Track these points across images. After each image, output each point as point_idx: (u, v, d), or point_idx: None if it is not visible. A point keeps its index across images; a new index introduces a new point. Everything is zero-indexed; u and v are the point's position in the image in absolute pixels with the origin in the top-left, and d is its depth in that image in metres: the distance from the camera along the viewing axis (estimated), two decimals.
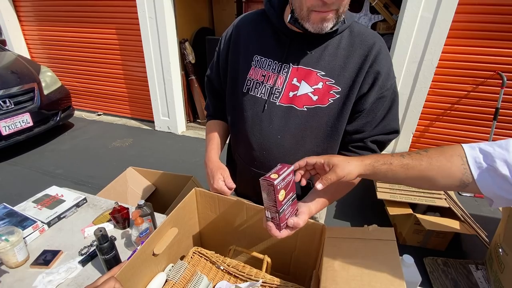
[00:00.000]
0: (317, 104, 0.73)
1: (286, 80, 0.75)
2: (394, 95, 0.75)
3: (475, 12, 2.31)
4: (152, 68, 3.50)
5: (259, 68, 0.78)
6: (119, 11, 3.54)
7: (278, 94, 0.76)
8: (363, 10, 3.16)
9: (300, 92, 0.74)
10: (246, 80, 0.80)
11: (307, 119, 0.75)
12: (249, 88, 0.80)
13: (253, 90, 0.79)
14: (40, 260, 0.91)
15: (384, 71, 0.71)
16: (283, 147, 0.79)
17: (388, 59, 0.73)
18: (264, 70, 0.77)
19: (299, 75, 0.74)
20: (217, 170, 0.83)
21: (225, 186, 0.79)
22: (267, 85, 0.77)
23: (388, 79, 0.72)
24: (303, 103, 0.74)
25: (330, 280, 0.58)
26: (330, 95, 0.72)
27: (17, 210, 1.10)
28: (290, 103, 0.75)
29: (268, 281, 0.72)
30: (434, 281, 1.64)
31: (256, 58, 0.79)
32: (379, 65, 0.71)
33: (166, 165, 2.94)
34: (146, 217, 0.98)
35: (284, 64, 0.75)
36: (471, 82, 2.52)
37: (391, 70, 0.74)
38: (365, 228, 0.70)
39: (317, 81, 0.73)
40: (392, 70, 0.74)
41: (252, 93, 0.79)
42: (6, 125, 2.78)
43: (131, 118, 4.28)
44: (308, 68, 0.73)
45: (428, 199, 1.85)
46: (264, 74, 0.77)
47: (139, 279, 0.69)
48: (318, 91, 0.73)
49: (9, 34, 4.20)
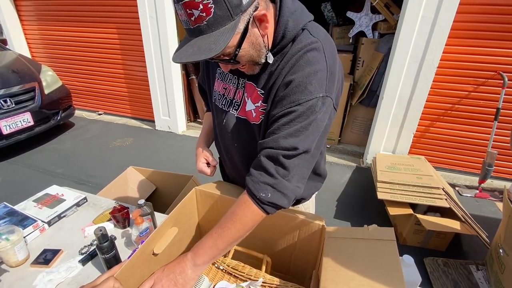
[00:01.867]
0: (254, 121, 0.75)
1: (244, 95, 0.77)
2: (312, 114, 0.63)
3: (476, 12, 2.30)
4: (153, 67, 3.50)
5: (221, 81, 0.82)
6: (120, 11, 3.54)
7: (237, 107, 0.78)
8: (364, 10, 3.15)
9: (248, 108, 0.76)
10: (213, 92, 0.85)
11: (254, 133, 0.78)
12: (215, 98, 0.85)
13: (218, 101, 0.84)
14: (40, 259, 0.91)
15: (296, 80, 0.63)
16: (241, 154, 0.85)
17: (308, 68, 0.63)
18: (225, 83, 0.81)
19: (247, 91, 0.76)
20: (200, 154, 0.92)
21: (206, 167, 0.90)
22: (228, 97, 0.81)
23: (302, 92, 0.63)
24: (252, 119, 0.76)
25: (330, 280, 0.58)
26: (261, 112, 0.73)
27: (17, 209, 1.10)
28: (245, 116, 0.78)
29: (268, 281, 0.72)
30: (435, 281, 1.64)
31: (219, 71, 0.83)
32: (291, 73, 0.64)
33: (166, 164, 2.94)
34: (146, 217, 0.98)
35: (240, 79, 0.77)
36: (472, 82, 2.52)
37: (311, 83, 0.63)
38: (365, 228, 0.70)
39: (257, 99, 0.74)
40: (313, 84, 0.63)
41: (217, 104, 0.84)
42: (7, 124, 2.79)
43: (131, 117, 4.28)
44: (254, 85, 0.74)
45: (429, 199, 1.85)
46: (225, 87, 0.81)
47: (139, 279, 0.69)
48: (257, 109, 0.74)
49: (10, 33, 4.20)
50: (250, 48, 0.63)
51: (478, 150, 2.72)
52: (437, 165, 2.87)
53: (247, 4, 0.56)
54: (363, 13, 3.17)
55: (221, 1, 0.53)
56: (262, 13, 0.60)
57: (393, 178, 2.04)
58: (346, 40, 3.53)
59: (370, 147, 2.96)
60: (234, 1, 0.54)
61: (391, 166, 2.23)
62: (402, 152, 2.88)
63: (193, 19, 0.55)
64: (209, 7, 0.53)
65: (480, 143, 2.68)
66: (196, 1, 0.52)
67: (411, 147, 2.87)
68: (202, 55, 0.56)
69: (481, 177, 2.43)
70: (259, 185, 0.65)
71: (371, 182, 2.42)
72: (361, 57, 3.23)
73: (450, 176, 2.85)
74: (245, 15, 0.58)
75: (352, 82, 3.15)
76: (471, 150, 2.76)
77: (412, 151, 2.90)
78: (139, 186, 1.62)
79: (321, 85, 0.63)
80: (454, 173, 2.90)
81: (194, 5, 0.53)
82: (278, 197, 0.65)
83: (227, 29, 0.56)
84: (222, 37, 0.56)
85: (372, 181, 2.36)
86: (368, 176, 2.66)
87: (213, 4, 0.53)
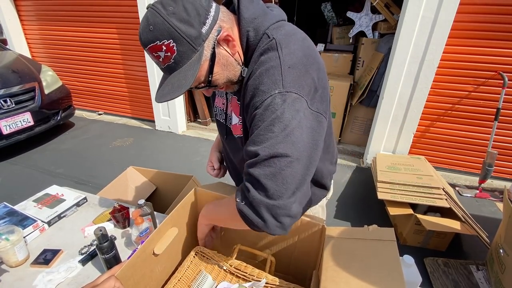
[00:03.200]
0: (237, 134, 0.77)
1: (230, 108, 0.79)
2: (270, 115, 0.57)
3: (477, 12, 2.30)
4: (153, 67, 3.50)
5: (220, 97, 0.84)
6: (120, 11, 3.54)
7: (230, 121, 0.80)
8: (364, 10, 3.15)
9: (233, 122, 0.78)
10: (214, 107, 0.89)
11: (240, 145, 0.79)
12: (215, 113, 0.88)
13: (218, 116, 0.87)
14: (40, 259, 0.91)
15: (251, 86, 0.61)
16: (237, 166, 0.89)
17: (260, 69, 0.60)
18: (223, 99, 0.82)
19: (232, 105, 0.78)
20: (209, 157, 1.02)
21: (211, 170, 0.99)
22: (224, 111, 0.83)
23: (257, 95, 0.59)
24: (237, 132, 0.78)
25: (330, 280, 0.58)
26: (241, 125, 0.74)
27: (17, 209, 1.10)
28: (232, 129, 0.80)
29: (271, 282, 0.72)
30: (435, 281, 1.64)
31: None
32: (249, 80, 0.62)
33: (166, 164, 2.94)
34: (146, 217, 0.98)
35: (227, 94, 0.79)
36: (472, 82, 2.52)
37: (262, 83, 0.58)
38: (365, 228, 0.70)
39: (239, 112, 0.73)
40: (264, 83, 0.58)
41: (218, 118, 0.87)
42: (7, 124, 2.79)
43: (131, 117, 4.28)
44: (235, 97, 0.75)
45: (429, 199, 1.85)
46: (223, 102, 0.82)
47: (139, 279, 0.69)
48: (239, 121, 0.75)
49: (10, 33, 4.20)
50: (223, 71, 0.64)
51: (478, 150, 2.73)
52: (437, 165, 2.87)
53: (207, 32, 0.58)
54: (363, 13, 3.17)
55: (180, 38, 0.55)
56: (225, 34, 0.60)
57: (393, 178, 2.04)
58: (346, 40, 3.53)
59: (370, 147, 2.96)
60: (192, 34, 0.56)
61: (391, 166, 2.23)
62: (402, 152, 2.88)
63: (161, 60, 0.58)
64: (171, 46, 0.56)
65: (480, 143, 2.68)
66: (158, 44, 0.55)
67: (411, 147, 2.87)
68: (176, 93, 0.59)
69: (481, 177, 2.43)
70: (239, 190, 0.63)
71: (371, 182, 2.42)
72: (361, 57, 3.23)
73: (450, 176, 2.85)
74: (209, 41, 0.59)
75: (352, 82, 3.15)
76: (471, 150, 2.76)
77: (412, 151, 2.90)
78: (139, 186, 1.62)
79: (275, 81, 0.57)
80: (454, 173, 2.90)
81: (157, 48, 0.56)
82: (250, 211, 0.59)
83: (194, 61, 0.58)
84: (190, 71, 0.58)
85: (372, 181, 2.36)
86: (368, 176, 2.66)
87: (174, 43, 0.55)
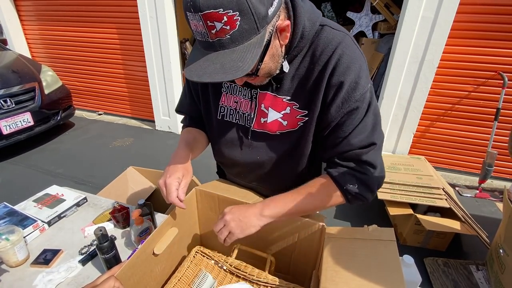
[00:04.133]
0: (287, 129, 0.73)
1: (257, 106, 0.74)
2: (368, 105, 0.65)
3: (476, 12, 2.30)
4: (153, 67, 3.50)
5: (231, 95, 0.78)
6: (120, 11, 3.54)
7: (251, 120, 0.76)
8: (364, 10, 3.16)
9: (270, 119, 0.74)
10: (219, 107, 0.80)
11: (281, 142, 0.75)
12: (223, 114, 0.80)
13: (228, 117, 0.80)
14: (40, 259, 0.91)
15: (347, 80, 0.62)
16: (263, 167, 0.82)
17: (353, 66, 0.63)
18: (236, 97, 0.77)
19: (266, 101, 0.73)
20: (173, 173, 0.77)
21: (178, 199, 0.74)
22: (240, 111, 0.77)
23: (356, 89, 0.63)
24: (276, 129, 0.74)
25: (330, 281, 0.58)
26: (298, 119, 0.71)
27: (17, 209, 1.10)
28: (262, 129, 0.76)
29: (271, 282, 0.72)
30: (435, 281, 1.64)
31: (226, 85, 0.78)
32: (339, 75, 0.63)
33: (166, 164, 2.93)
34: (146, 217, 0.98)
35: (253, 90, 0.73)
36: (472, 82, 2.52)
37: (361, 77, 0.63)
38: (365, 228, 0.70)
39: (284, 106, 0.71)
40: (362, 77, 0.63)
41: (227, 119, 0.80)
42: (7, 124, 2.79)
43: (131, 117, 4.28)
44: (274, 94, 0.72)
45: (429, 199, 1.85)
46: (236, 100, 0.77)
47: (139, 279, 0.69)
48: (286, 116, 0.72)
49: (10, 33, 4.20)
50: (270, 61, 0.60)
51: (478, 150, 2.73)
52: (437, 165, 2.87)
53: (272, 14, 0.52)
54: (363, 13, 3.17)
55: (248, 13, 0.47)
56: (286, 23, 0.56)
57: (393, 178, 2.03)
58: None
59: None
60: (261, 12, 0.48)
61: (391, 166, 2.23)
62: (402, 152, 2.88)
63: (213, 32, 0.49)
64: (234, 20, 0.47)
65: (480, 143, 2.68)
66: (221, 13, 0.46)
67: (411, 147, 2.87)
68: (229, 75, 0.50)
69: (481, 177, 2.43)
70: (347, 176, 0.67)
71: None
72: None
73: (450, 176, 2.85)
74: (269, 26, 0.53)
75: None
76: (471, 150, 2.76)
77: (412, 151, 2.90)
78: (139, 186, 1.62)
79: (367, 75, 0.65)
80: (454, 173, 2.90)
81: (217, 17, 0.47)
82: (364, 190, 0.67)
83: (253, 43, 0.51)
84: (248, 53, 0.51)
85: None
86: None
87: (239, 16, 0.47)
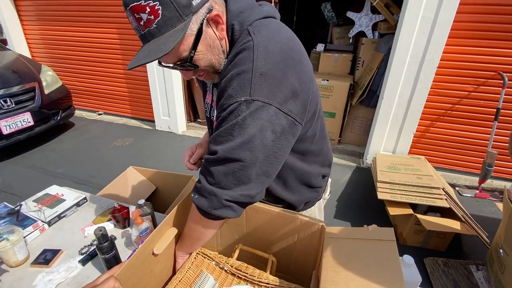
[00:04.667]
0: None
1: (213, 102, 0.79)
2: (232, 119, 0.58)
3: (477, 12, 2.30)
4: (153, 67, 3.50)
5: (210, 93, 0.82)
6: (120, 11, 3.54)
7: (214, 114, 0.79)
8: (364, 10, 3.15)
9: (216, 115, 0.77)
10: (205, 104, 0.85)
11: None
12: (206, 110, 0.85)
13: (208, 112, 0.84)
14: (40, 259, 0.91)
15: (222, 86, 0.61)
16: None
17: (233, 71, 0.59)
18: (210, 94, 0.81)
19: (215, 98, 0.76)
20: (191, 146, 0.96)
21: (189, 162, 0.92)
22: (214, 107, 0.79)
23: (226, 98, 0.59)
24: None
25: (330, 281, 0.58)
26: None
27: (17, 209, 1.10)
28: None
29: (271, 282, 0.72)
30: (435, 281, 1.64)
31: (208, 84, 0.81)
32: (222, 79, 0.62)
33: (166, 164, 2.94)
34: (146, 217, 0.98)
35: (214, 88, 0.77)
36: (472, 82, 2.52)
37: (233, 87, 0.58)
38: (365, 228, 0.70)
39: None
40: (235, 88, 0.58)
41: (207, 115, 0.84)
42: (7, 124, 2.79)
43: (131, 117, 4.28)
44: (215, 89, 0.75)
45: (429, 199, 1.85)
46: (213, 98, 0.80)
47: (139, 279, 0.69)
48: None
49: (10, 33, 4.20)
50: (207, 51, 0.62)
51: (478, 150, 2.72)
52: (437, 165, 2.87)
53: (198, 5, 0.56)
54: (363, 13, 3.17)
55: (168, 2, 0.52)
56: (215, 13, 0.59)
57: (393, 178, 2.04)
58: (346, 40, 3.53)
59: (370, 147, 2.96)
60: (182, 2, 0.53)
61: (391, 166, 2.23)
62: (402, 152, 2.88)
63: (142, 23, 0.55)
64: (156, 9, 0.52)
65: (480, 143, 2.68)
66: (142, 4, 0.52)
67: (411, 147, 2.87)
68: (152, 56, 0.55)
69: (481, 177, 2.43)
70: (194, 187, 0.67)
71: (371, 182, 2.42)
72: (361, 57, 3.23)
73: (450, 176, 2.85)
74: (198, 16, 0.57)
75: (352, 82, 3.15)
76: (471, 150, 2.76)
77: (412, 151, 2.90)
78: (139, 186, 1.62)
79: (243, 87, 0.57)
80: (454, 173, 2.90)
81: (141, 8, 0.53)
82: (201, 200, 0.63)
83: (177, 30, 0.55)
84: (172, 37, 0.55)
85: (372, 181, 2.36)
86: (368, 176, 2.66)
87: (160, 6, 0.52)
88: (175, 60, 0.61)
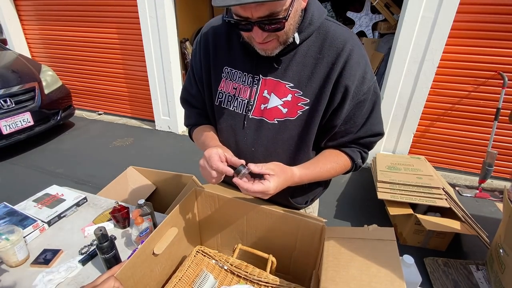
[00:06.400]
0: (286, 117, 0.72)
1: (257, 93, 0.73)
2: (375, 97, 0.73)
3: (477, 12, 2.30)
4: (153, 67, 3.50)
5: (230, 81, 0.76)
6: (120, 10, 3.54)
7: (250, 107, 0.75)
8: (364, 10, 3.16)
9: (270, 105, 0.73)
10: (218, 93, 0.78)
11: (278, 131, 0.74)
12: (221, 101, 0.78)
13: (226, 103, 0.78)
14: (40, 259, 0.91)
15: (356, 77, 0.67)
16: (258, 159, 0.78)
17: (361, 61, 0.68)
18: (235, 83, 0.76)
19: (268, 87, 0.72)
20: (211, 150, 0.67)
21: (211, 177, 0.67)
22: (240, 99, 0.76)
23: (363, 83, 0.69)
24: (274, 116, 0.73)
25: (330, 280, 0.58)
26: (298, 107, 0.71)
27: (17, 209, 1.10)
28: (261, 116, 0.74)
29: (271, 282, 0.72)
30: (435, 281, 1.64)
31: (226, 70, 0.77)
32: (349, 73, 0.67)
33: (166, 164, 2.94)
34: (146, 217, 0.98)
35: (254, 76, 0.73)
36: (472, 82, 2.52)
37: (367, 72, 0.69)
38: (365, 228, 0.70)
39: (286, 93, 0.71)
40: (368, 72, 0.70)
41: (225, 106, 0.78)
42: (6, 124, 2.79)
43: (131, 117, 4.28)
44: (277, 79, 0.71)
45: (429, 199, 1.85)
46: (235, 87, 0.76)
47: (139, 279, 0.69)
48: (287, 104, 0.72)
49: (10, 33, 4.20)
50: (294, 16, 0.61)
51: (478, 150, 2.73)
52: (437, 165, 2.87)
53: None
54: (363, 13, 3.17)
55: None
56: None
57: (393, 178, 2.03)
58: None
59: None
60: None
61: (391, 166, 2.23)
62: (402, 152, 2.88)
63: None
64: None
65: (480, 143, 2.68)
66: None
67: (411, 147, 2.87)
68: None
69: (481, 177, 2.43)
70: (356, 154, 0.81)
71: (371, 182, 2.42)
72: None
73: (450, 176, 2.85)
74: None
75: None
76: (471, 150, 2.76)
77: (412, 151, 2.90)
78: (139, 186, 1.62)
79: (372, 71, 0.72)
80: (454, 173, 2.90)
81: None
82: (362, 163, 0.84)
83: None
84: None
85: (372, 181, 2.36)
86: (368, 176, 2.66)
87: None
88: (270, 12, 0.56)
